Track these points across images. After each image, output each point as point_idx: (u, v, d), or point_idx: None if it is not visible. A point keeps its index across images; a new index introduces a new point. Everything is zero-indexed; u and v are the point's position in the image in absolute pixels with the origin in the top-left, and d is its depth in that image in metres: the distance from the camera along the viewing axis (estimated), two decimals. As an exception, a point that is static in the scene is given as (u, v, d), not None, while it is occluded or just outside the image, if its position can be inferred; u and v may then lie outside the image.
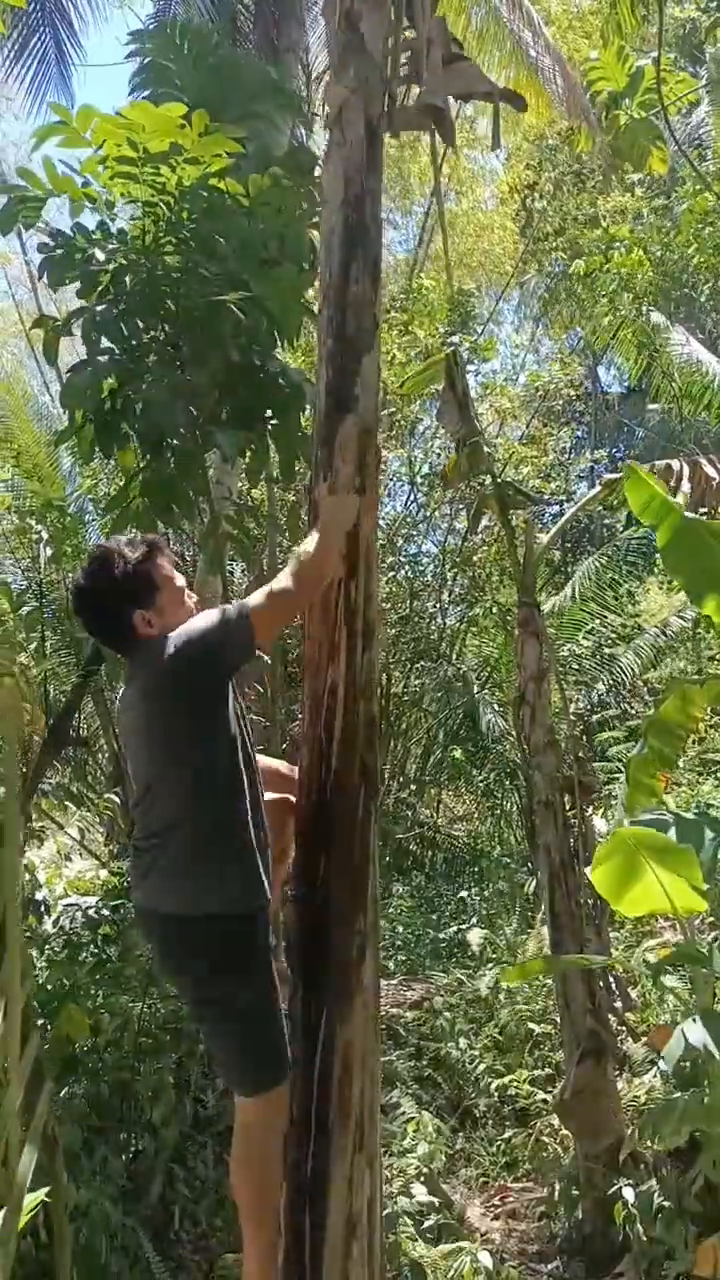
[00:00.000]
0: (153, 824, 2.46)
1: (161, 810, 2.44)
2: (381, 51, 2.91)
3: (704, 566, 3.93)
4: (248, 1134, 2.46)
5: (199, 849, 2.38)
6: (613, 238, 10.56)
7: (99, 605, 2.58)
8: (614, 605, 11.24)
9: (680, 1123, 3.63)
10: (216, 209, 4.00)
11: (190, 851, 2.38)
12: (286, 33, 7.99)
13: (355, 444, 2.75)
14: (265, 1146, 2.43)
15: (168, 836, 2.41)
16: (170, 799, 2.43)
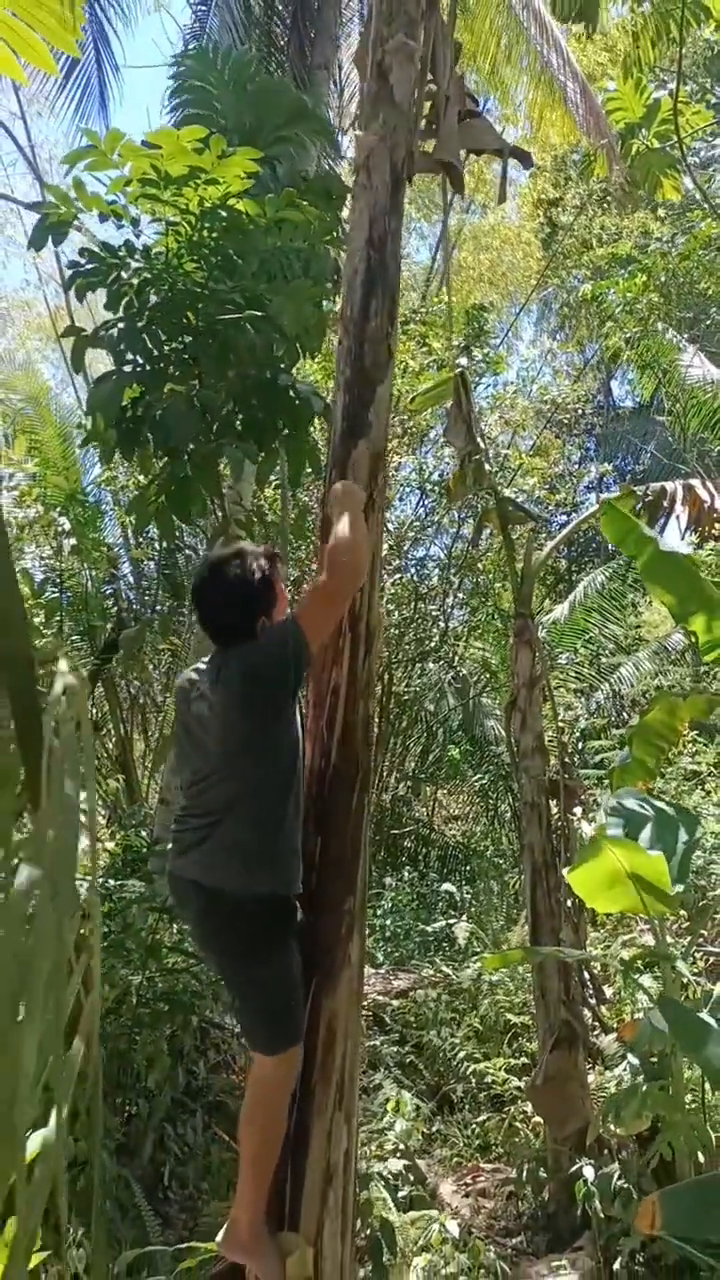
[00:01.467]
0: (209, 804, 2.65)
1: (220, 794, 2.64)
2: (409, 102, 3.14)
3: (683, 593, 4.16)
4: (263, 1086, 2.68)
5: (252, 834, 2.60)
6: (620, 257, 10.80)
7: (235, 602, 2.70)
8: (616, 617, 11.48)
9: (642, 1107, 3.87)
10: (236, 228, 4.24)
11: (244, 835, 2.60)
12: (320, 50, 8.21)
13: (366, 466, 2.99)
14: (277, 1099, 2.66)
15: (223, 818, 2.62)
16: (231, 785, 2.63)
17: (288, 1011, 2.67)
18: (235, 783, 2.64)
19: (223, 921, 2.66)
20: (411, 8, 3.14)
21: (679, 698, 5.18)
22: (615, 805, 4.72)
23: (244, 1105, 2.72)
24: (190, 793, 2.74)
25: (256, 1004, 2.70)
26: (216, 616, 2.76)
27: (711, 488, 5.32)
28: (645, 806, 4.79)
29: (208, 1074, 5.04)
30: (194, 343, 4.40)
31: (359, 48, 3.34)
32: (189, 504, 4.59)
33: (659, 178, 8.24)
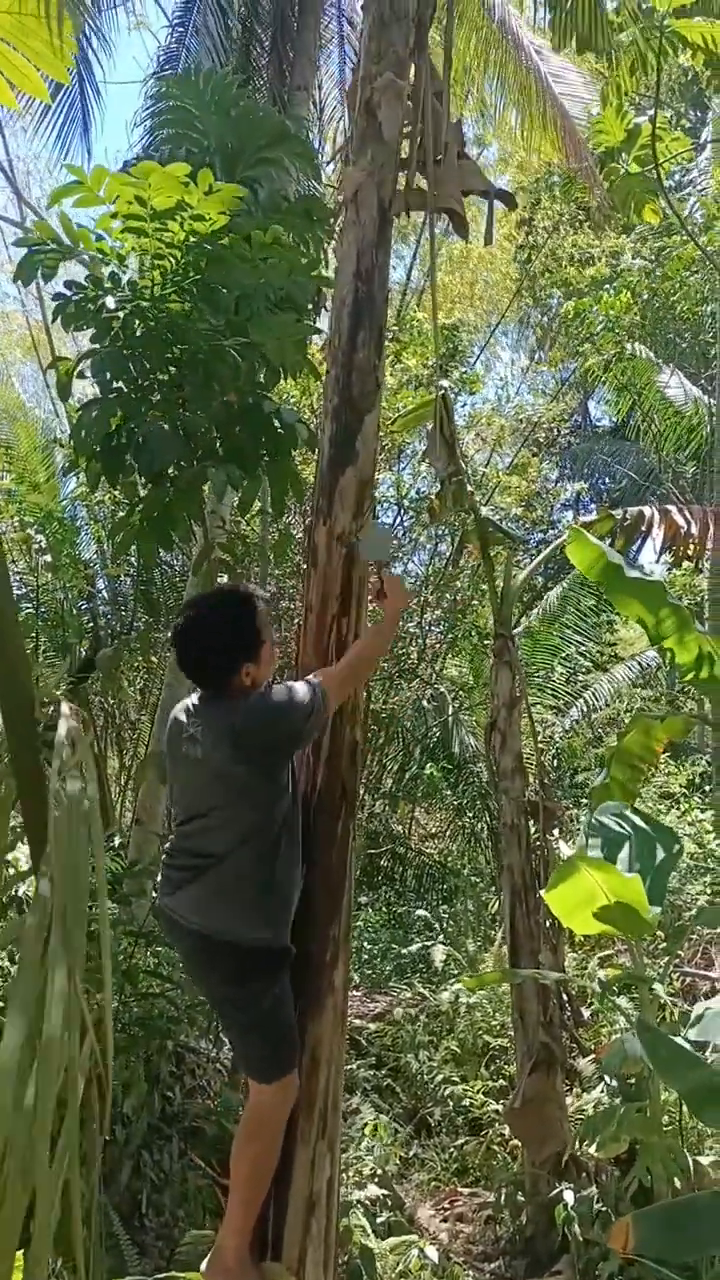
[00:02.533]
0: (199, 847, 2.64)
1: (213, 839, 2.62)
2: (396, 140, 3.19)
3: (655, 618, 4.22)
4: (259, 1113, 2.68)
5: (239, 887, 2.59)
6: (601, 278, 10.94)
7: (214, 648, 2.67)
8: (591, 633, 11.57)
9: (620, 1130, 3.89)
10: (220, 261, 4.27)
11: (231, 887, 2.59)
12: (300, 71, 8.27)
13: (354, 493, 3.02)
14: (273, 1126, 2.65)
15: (215, 864, 2.60)
16: (221, 832, 2.61)
17: (282, 1039, 2.67)
18: (225, 831, 2.62)
19: (215, 960, 2.66)
20: (400, 48, 3.19)
21: (656, 719, 5.23)
22: (595, 823, 4.75)
23: (239, 1131, 2.71)
24: (181, 830, 2.73)
25: (252, 1033, 2.70)
26: (197, 663, 2.72)
27: (688, 514, 5.39)
28: (624, 824, 4.83)
29: (183, 1099, 5.00)
30: (178, 372, 4.42)
31: (350, 84, 3.38)
32: (171, 528, 4.60)
33: (641, 200, 8.35)
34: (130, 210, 4.06)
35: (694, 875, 6.69)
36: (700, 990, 5.84)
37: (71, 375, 4.55)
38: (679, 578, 10.79)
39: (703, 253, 9.28)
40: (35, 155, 17.51)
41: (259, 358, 4.40)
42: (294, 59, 8.39)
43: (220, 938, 2.61)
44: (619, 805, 4.90)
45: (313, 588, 3.11)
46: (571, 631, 12.19)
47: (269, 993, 2.64)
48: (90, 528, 9.55)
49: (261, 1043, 2.68)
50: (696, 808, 7.75)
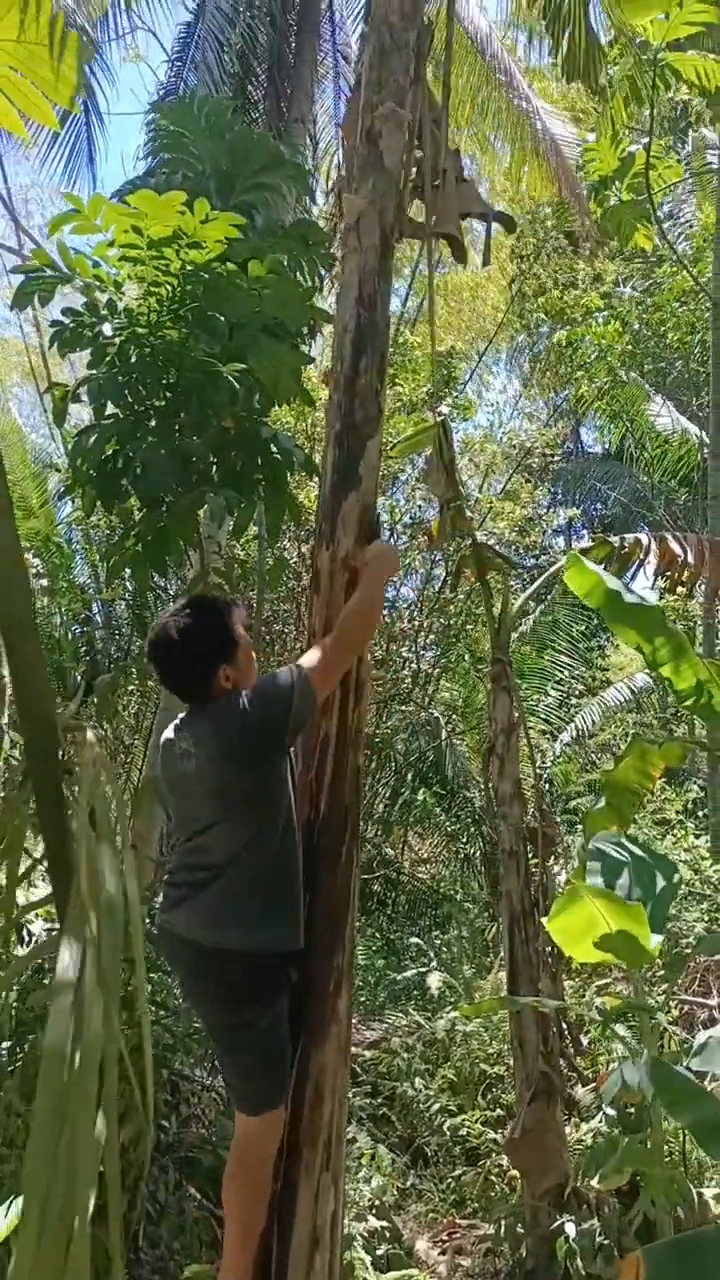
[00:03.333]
0: (202, 860, 2.63)
1: (215, 851, 2.62)
2: (397, 168, 3.22)
3: (654, 642, 4.22)
4: (246, 1149, 2.65)
5: (247, 891, 2.58)
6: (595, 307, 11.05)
7: (186, 658, 2.67)
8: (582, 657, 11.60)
9: (621, 1162, 3.85)
10: (216, 289, 4.30)
11: (239, 892, 2.58)
12: (297, 104, 8.37)
13: (356, 518, 3.02)
14: (262, 1162, 2.62)
15: (217, 875, 2.59)
16: (225, 842, 2.60)
17: (274, 1071, 2.64)
18: (227, 840, 2.61)
19: (214, 977, 2.64)
20: (400, 76, 3.23)
21: (653, 744, 5.22)
22: (593, 849, 4.73)
23: (227, 1168, 2.68)
24: (183, 849, 2.71)
25: (244, 1061, 2.67)
26: (175, 676, 2.74)
27: (684, 541, 5.42)
28: (622, 852, 4.81)
29: (178, 1129, 4.93)
30: (174, 398, 4.44)
31: (348, 113, 3.42)
32: (166, 554, 4.60)
33: (632, 227, 8.47)
34: (127, 239, 4.10)
35: (691, 902, 6.66)
36: (698, 1018, 5.80)
37: (67, 401, 4.57)
38: (671, 604, 10.82)
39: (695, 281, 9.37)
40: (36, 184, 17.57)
41: (255, 384, 4.43)
42: (291, 93, 8.50)
43: (222, 949, 2.58)
44: (615, 834, 4.89)
45: (316, 612, 3.11)
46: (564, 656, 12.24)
47: (265, 1017, 2.61)
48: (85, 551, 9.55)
49: (254, 1071, 2.65)
50: (692, 833, 7.72)
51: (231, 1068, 2.76)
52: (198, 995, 2.77)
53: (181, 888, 2.66)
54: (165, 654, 2.70)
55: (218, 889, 2.60)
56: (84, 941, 0.88)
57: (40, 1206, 0.71)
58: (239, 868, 2.59)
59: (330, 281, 5.68)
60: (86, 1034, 0.82)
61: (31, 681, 1.16)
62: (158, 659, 2.73)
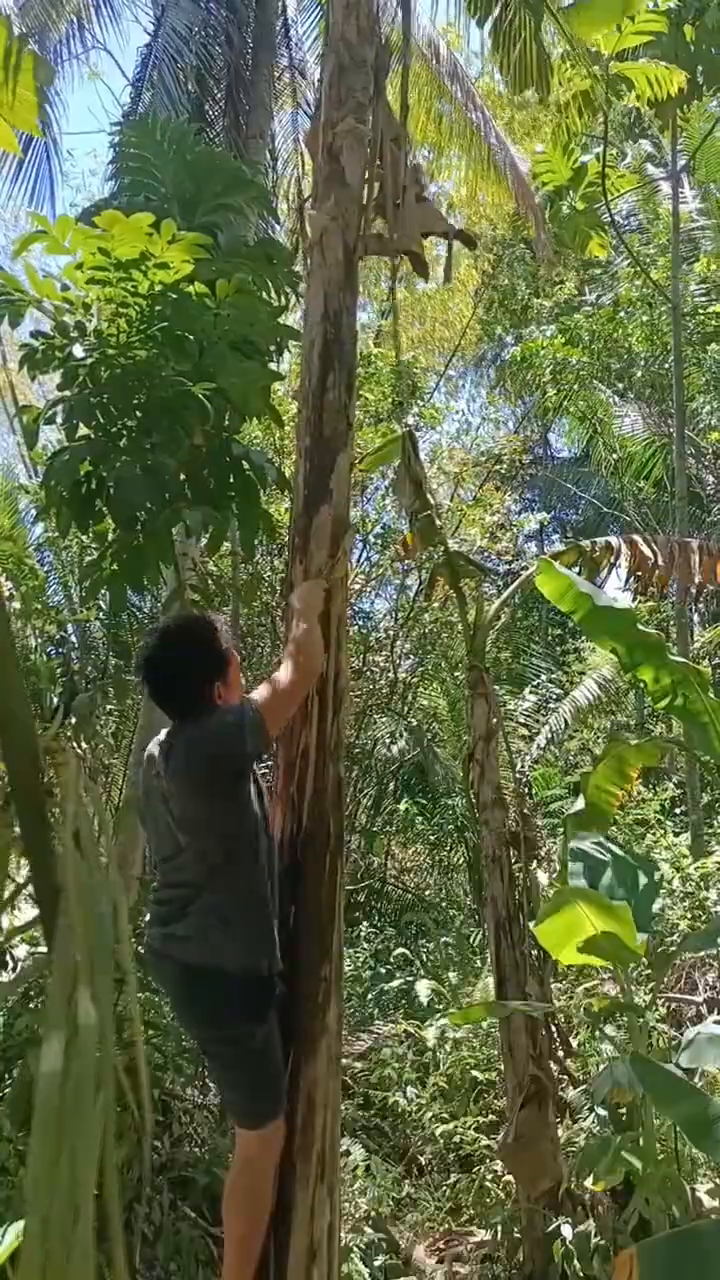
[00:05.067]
0: (179, 881, 2.65)
1: (188, 873, 2.63)
2: (359, 183, 3.26)
3: (628, 643, 4.28)
4: (248, 1164, 2.65)
5: (226, 913, 2.59)
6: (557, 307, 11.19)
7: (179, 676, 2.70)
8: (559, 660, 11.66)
9: (614, 1162, 3.87)
10: (184, 310, 4.32)
11: (218, 914, 2.59)
12: (255, 121, 8.42)
13: (329, 531, 3.05)
14: (263, 1175, 2.63)
15: (194, 896, 2.61)
16: (197, 864, 2.62)
17: (270, 1084, 2.65)
18: (200, 863, 2.63)
19: (202, 995, 2.64)
20: (360, 93, 3.27)
21: (630, 745, 5.27)
22: (574, 850, 4.77)
23: (229, 1182, 2.68)
24: (162, 869, 2.73)
25: (239, 1077, 2.67)
26: (167, 690, 2.75)
27: (654, 543, 5.48)
28: (603, 851, 4.85)
29: (171, 1148, 4.91)
30: (145, 418, 4.45)
31: (310, 130, 3.45)
32: (142, 573, 4.61)
33: (587, 236, 8.58)
34: (95, 260, 4.12)
35: (673, 900, 6.71)
36: (685, 1015, 5.84)
37: (39, 422, 4.57)
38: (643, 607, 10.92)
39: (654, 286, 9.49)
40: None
41: (225, 402, 4.45)
42: (249, 109, 8.54)
43: (208, 967, 2.59)
44: (595, 835, 4.93)
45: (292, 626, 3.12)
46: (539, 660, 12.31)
47: (258, 1033, 2.63)
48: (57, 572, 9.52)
49: (250, 1086, 2.67)
50: (671, 832, 7.78)
51: (228, 1084, 2.76)
52: (188, 1015, 2.78)
53: (165, 905, 2.67)
54: (156, 671, 2.73)
55: (198, 910, 2.61)
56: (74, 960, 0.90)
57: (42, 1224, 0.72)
58: (214, 890, 2.61)
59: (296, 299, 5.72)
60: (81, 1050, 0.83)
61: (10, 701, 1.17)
62: (150, 677, 2.74)
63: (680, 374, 8.02)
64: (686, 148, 10.40)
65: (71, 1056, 0.85)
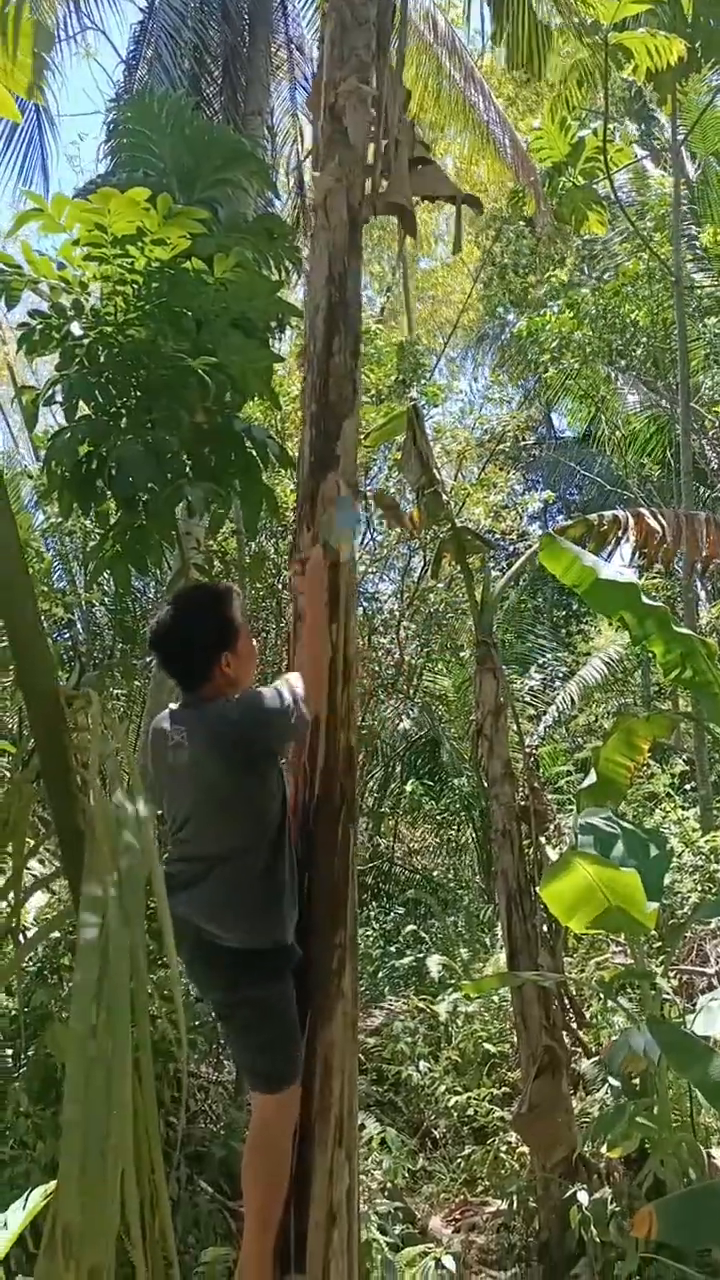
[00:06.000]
0: (197, 852, 2.64)
1: (207, 844, 2.63)
2: (363, 144, 3.22)
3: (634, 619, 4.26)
4: (265, 1128, 2.65)
5: (241, 887, 2.59)
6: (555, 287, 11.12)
7: (189, 646, 2.68)
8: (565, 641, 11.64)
9: (629, 1129, 3.88)
10: (182, 286, 4.29)
11: (234, 889, 2.59)
12: (253, 97, 8.35)
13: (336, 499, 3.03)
14: (280, 1141, 2.63)
15: (213, 868, 2.60)
16: (217, 837, 2.62)
17: (286, 1046, 2.65)
18: (218, 836, 2.63)
19: (217, 963, 2.64)
20: (362, 52, 3.23)
21: (639, 718, 5.26)
22: (584, 824, 4.77)
23: (247, 1148, 2.68)
24: (176, 838, 2.72)
25: (255, 1039, 2.67)
26: (179, 660, 2.74)
27: (661, 516, 5.45)
28: (613, 825, 4.85)
29: (187, 1124, 4.93)
30: (145, 396, 4.42)
31: (311, 90, 3.42)
32: (145, 553, 4.59)
33: (585, 213, 8.52)
34: (91, 237, 4.08)
35: (683, 874, 6.71)
36: (698, 987, 5.85)
37: (38, 404, 4.54)
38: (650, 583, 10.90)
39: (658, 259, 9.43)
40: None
41: (226, 377, 4.42)
42: (246, 85, 8.48)
43: (222, 944, 2.60)
44: (606, 809, 4.93)
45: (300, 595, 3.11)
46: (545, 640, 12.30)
47: (274, 995, 2.63)
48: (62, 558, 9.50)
49: (267, 1049, 2.67)
50: (680, 806, 7.78)
51: (244, 1047, 2.76)
52: (204, 979, 2.78)
53: (178, 877, 2.65)
54: (168, 642, 2.71)
55: (213, 883, 2.60)
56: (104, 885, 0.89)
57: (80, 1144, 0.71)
58: (231, 866, 2.60)
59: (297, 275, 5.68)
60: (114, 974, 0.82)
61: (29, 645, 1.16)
62: (161, 647, 2.74)
63: (685, 347, 7.96)
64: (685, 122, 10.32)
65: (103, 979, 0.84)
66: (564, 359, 10.91)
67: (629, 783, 5.40)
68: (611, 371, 11.99)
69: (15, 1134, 4.05)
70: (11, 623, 1.20)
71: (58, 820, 1.26)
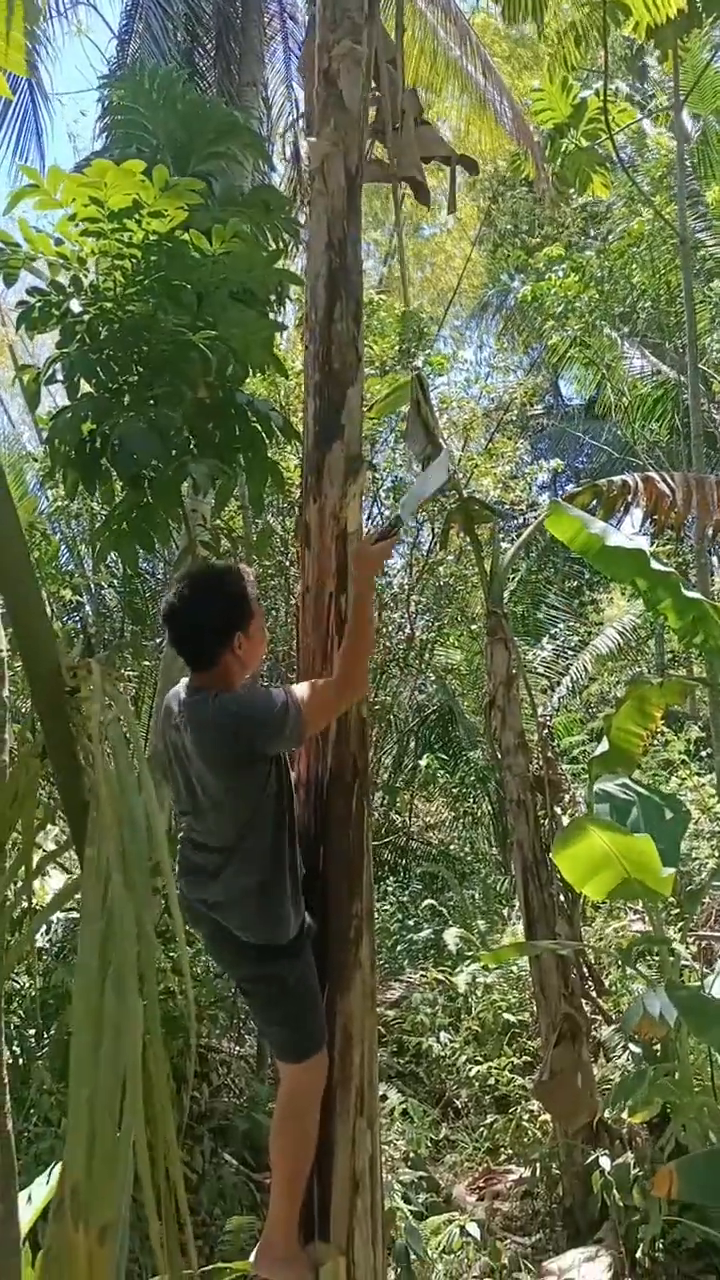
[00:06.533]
0: (205, 842, 2.63)
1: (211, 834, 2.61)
2: (359, 107, 3.17)
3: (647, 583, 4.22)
4: (292, 1098, 2.65)
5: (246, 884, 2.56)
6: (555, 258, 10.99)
7: (202, 625, 2.64)
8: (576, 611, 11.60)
9: (651, 1093, 3.89)
10: (180, 259, 4.23)
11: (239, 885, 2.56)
12: (247, 69, 8.24)
13: (342, 469, 3.00)
14: (307, 1111, 2.63)
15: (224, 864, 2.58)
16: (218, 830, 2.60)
17: (310, 1017, 2.65)
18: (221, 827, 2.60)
19: (233, 946, 2.65)
20: (355, 14, 3.17)
21: (652, 684, 5.23)
22: (599, 792, 4.75)
23: (275, 1118, 2.69)
24: (184, 822, 2.71)
25: (278, 1012, 2.68)
26: (189, 641, 2.69)
27: (671, 480, 5.39)
28: (628, 792, 4.83)
29: (210, 1098, 4.97)
30: (146, 372, 4.39)
31: (305, 56, 3.36)
32: (152, 531, 4.56)
33: (588, 175, 8.39)
34: (88, 212, 4.03)
35: (701, 838, 6.70)
36: (716, 951, 5.84)
37: (39, 383, 4.51)
38: (661, 549, 10.83)
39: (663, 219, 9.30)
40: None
41: (228, 349, 4.38)
42: (240, 56, 8.36)
43: (237, 935, 2.61)
44: (620, 776, 4.91)
45: (309, 568, 3.09)
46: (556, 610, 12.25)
47: (294, 970, 2.63)
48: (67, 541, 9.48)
49: (290, 1020, 2.67)
50: (696, 773, 7.75)
51: (267, 1021, 2.77)
52: (224, 957, 2.79)
53: (196, 866, 2.65)
54: (180, 618, 2.67)
55: (224, 877, 2.58)
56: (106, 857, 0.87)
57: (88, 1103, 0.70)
58: (235, 862, 2.58)
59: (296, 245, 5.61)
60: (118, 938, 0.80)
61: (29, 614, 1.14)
62: (176, 619, 2.69)
63: (692, 309, 7.85)
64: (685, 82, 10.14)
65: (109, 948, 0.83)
66: (569, 324, 10.79)
67: (643, 750, 5.38)
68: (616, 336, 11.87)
69: (39, 1111, 4.10)
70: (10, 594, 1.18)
71: (64, 795, 1.24)
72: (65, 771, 1.23)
